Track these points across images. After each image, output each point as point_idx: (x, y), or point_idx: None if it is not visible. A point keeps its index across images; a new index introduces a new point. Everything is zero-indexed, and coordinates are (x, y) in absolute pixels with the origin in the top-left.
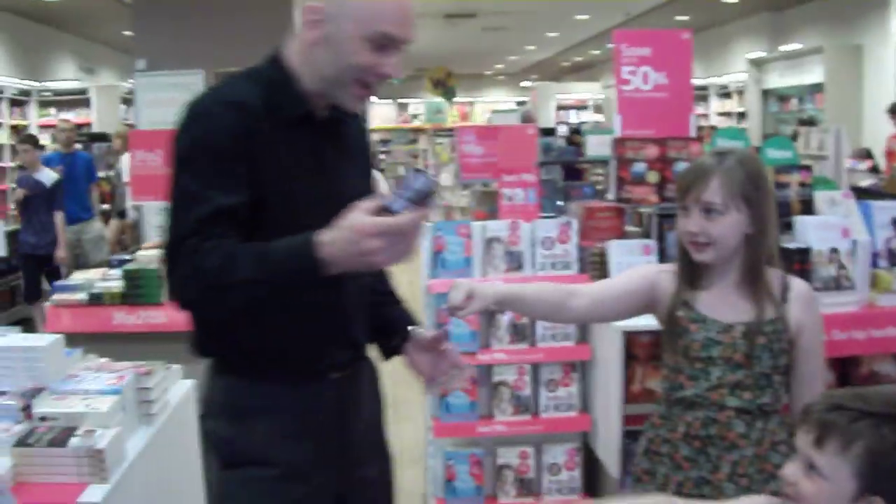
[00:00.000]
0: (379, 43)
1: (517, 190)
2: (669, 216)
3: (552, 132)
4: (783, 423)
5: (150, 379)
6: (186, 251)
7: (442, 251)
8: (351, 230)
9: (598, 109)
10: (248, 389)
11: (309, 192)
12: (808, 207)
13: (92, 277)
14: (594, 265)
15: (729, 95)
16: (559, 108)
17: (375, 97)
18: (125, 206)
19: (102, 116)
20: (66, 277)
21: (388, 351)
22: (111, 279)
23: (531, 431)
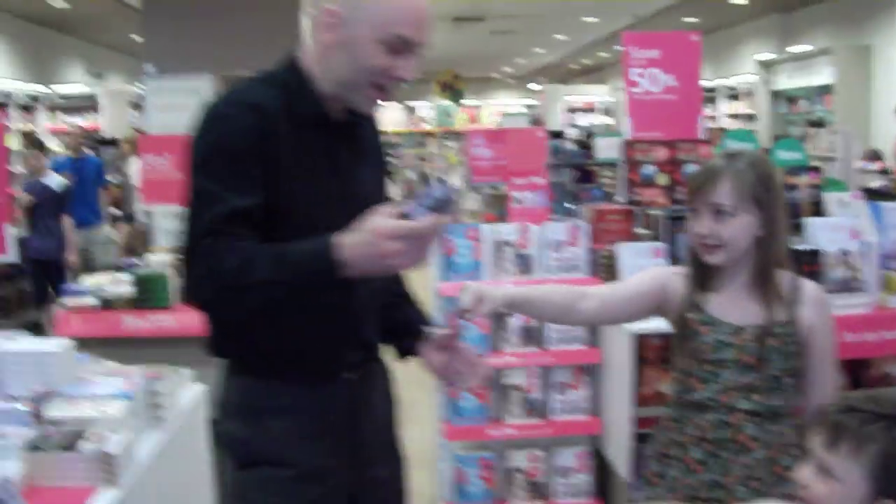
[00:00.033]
0: (394, 46)
1: (526, 193)
2: (679, 218)
3: (561, 135)
4: (794, 425)
5: (160, 383)
6: (203, 252)
7: (452, 254)
8: (371, 232)
9: (606, 112)
10: (262, 390)
11: (323, 194)
12: (817, 209)
13: (102, 282)
14: (604, 268)
15: (737, 97)
16: (567, 110)
17: (387, 101)
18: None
19: (111, 121)
20: (70, 282)
21: (403, 352)
22: (121, 284)
23: (541, 434)
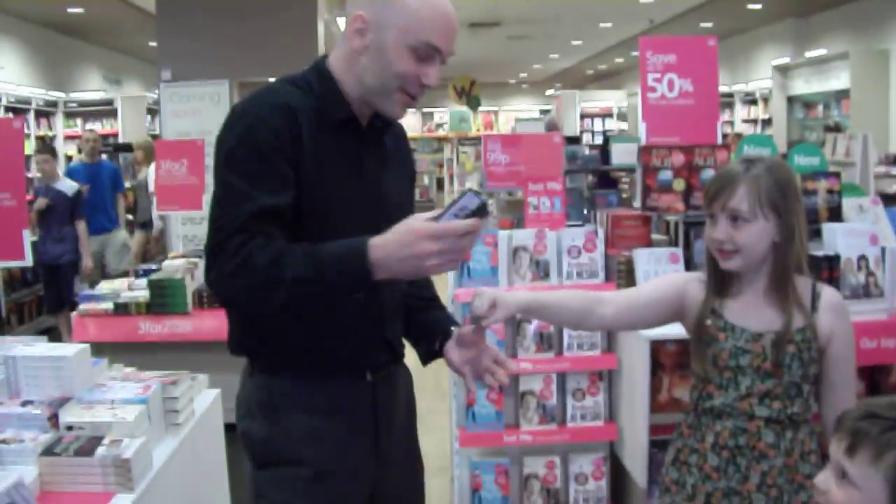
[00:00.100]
0: (423, 53)
1: (543, 198)
2: (696, 224)
3: (577, 140)
4: (813, 432)
5: (175, 388)
6: (233, 247)
7: (468, 260)
8: (407, 233)
9: (622, 117)
10: (283, 389)
11: (348, 197)
12: (835, 214)
13: (118, 287)
14: (621, 274)
15: (754, 102)
16: (583, 116)
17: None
18: (148, 217)
19: (128, 127)
20: (80, 288)
21: (428, 354)
22: (137, 289)
23: (558, 441)
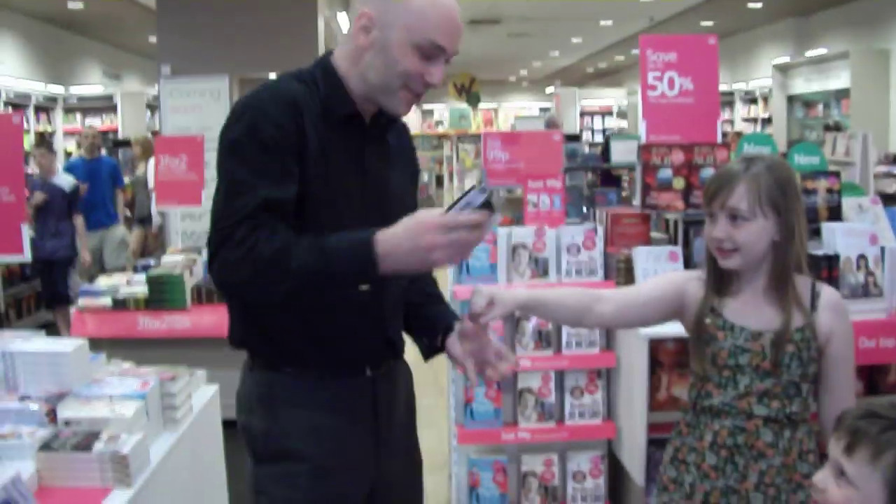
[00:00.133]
0: (427, 51)
1: (543, 196)
2: (696, 222)
3: (577, 138)
4: (811, 432)
5: (174, 384)
6: (238, 237)
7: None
8: (416, 224)
9: (622, 115)
10: (283, 384)
11: (351, 192)
12: (835, 214)
13: (117, 283)
14: (620, 272)
15: (754, 101)
16: (583, 113)
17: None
18: (146, 213)
19: (128, 122)
20: (76, 282)
21: (430, 349)
22: (136, 284)
23: (556, 439)
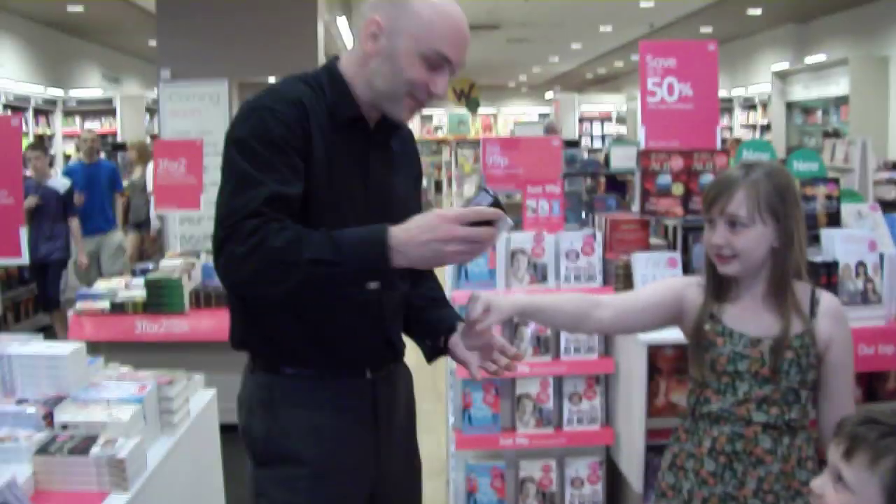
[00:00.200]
0: (433, 61)
1: (542, 201)
2: (695, 229)
3: (576, 144)
4: (810, 439)
5: (171, 388)
6: (247, 230)
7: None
8: (431, 217)
9: (621, 121)
10: (284, 386)
11: (354, 195)
12: (834, 220)
13: (115, 286)
14: (619, 278)
15: (753, 107)
16: (582, 119)
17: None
18: (143, 218)
19: (127, 126)
20: (67, 285)
21: (434, 351)
22: (134, 288)
23: (554, 445)
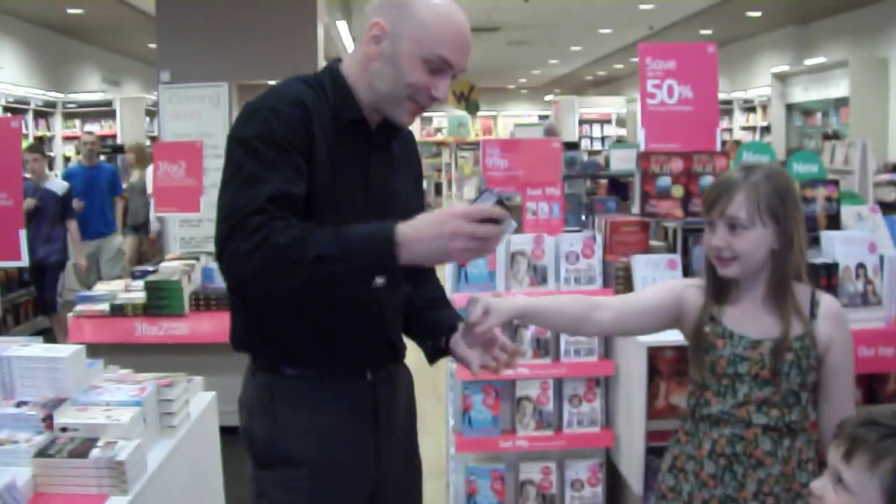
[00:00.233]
0: (435, 66)
1: (541, 204)
2: (694, 230)
3: (576, 146)
4: (811, 441)
5: (171, 391)
6: (251, 227)
7: (465, 265)
8: (439, 213)
9: (620, 123)
10: (284, 388)
11: (355, 197)
12: (834, 222)
13: (114, 289)
14: (619, 280)
15: (753, 110)
16: (582, 122)
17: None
18: (141, 220)
19: (127, 128)
20: (62, 288)
21: (435, 352)
22: (134, 290)
23: (554, 447)
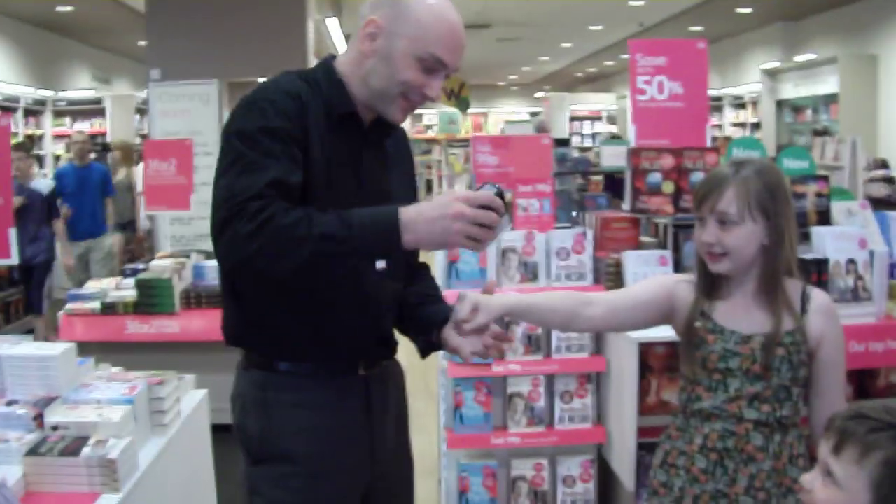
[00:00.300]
0: (428, 64)
1: (532, 200)
2: (685, 226)
3: (566, 143)
4: (802, 436)
5: (162, 388)
6: (252, 210)
7: (456, 261)
8: (442, 197)
9: (611, 120)
10: (277, 384)
11: (348, 192)
12: (824, 218)
13: (105, 287)
14: (609, 276)
15: (743, 106)
16: (573, 118)
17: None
18: (126, 218)
19: (117, 126)
20: (49, 288)
21: (427, 346)
22: (124, 288)
23: (546, 443)
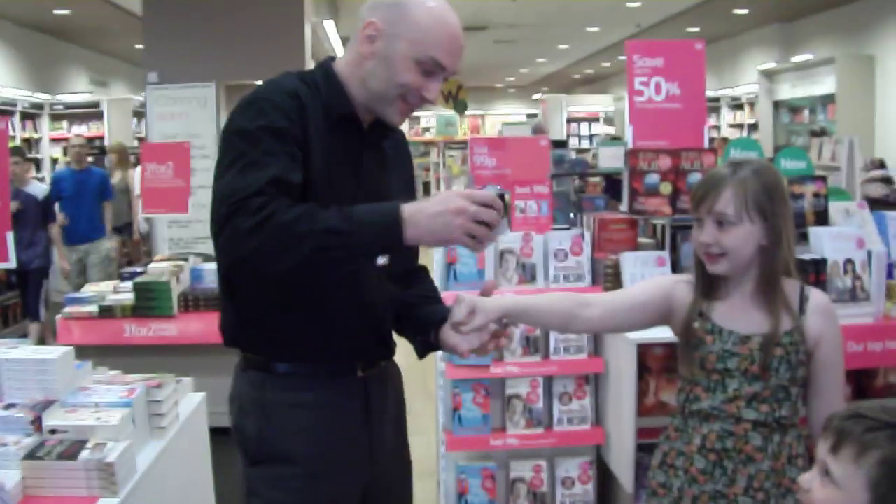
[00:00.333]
0: (427, 67)
1: (530, 202)
2: (683, 227)
3: (564, 144)
4: (801, 436)
5: (160, 392)
6: (254, 205)
7: (454, 263)
8: (443, 193)
9: (608, 122)
10: (275, 385)
11: (346, 192)
12: (822, 218)
13: (103, 290)
14: (607, 277)
15: (740, 107)
16: (570, 120)
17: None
18: (122, 221)
19: (115, 129)
20: (46, 293)
21: (425, 346)
22: (122, 292)
23: (544, 445)
